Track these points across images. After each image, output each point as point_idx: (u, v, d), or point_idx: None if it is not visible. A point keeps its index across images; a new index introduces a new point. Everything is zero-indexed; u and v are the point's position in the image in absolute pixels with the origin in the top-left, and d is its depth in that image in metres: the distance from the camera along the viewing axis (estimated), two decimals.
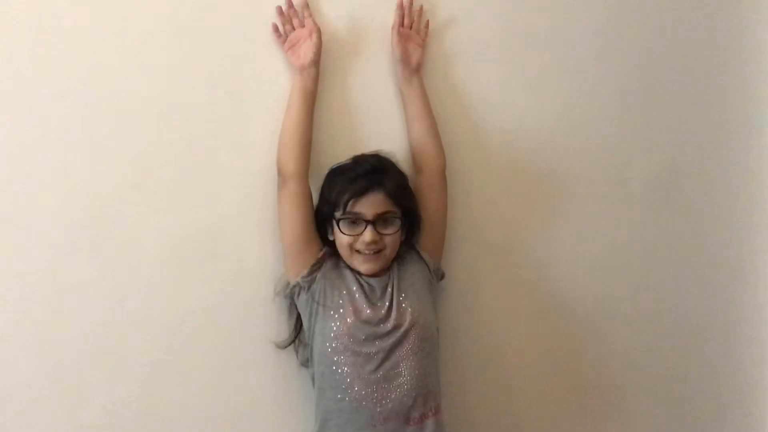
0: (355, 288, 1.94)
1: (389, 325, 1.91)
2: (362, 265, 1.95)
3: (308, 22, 1.99)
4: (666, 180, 2.31)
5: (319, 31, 1.97)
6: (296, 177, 1.94)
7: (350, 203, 1.91)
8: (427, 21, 2.09)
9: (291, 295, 2.00)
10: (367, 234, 1.91)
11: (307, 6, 2.00)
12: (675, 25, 2.26)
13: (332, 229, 1.98)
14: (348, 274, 1.97)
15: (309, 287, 1.95)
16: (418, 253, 2.05)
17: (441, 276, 2.10)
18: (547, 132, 2.22)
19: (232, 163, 2.04)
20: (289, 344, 2.08)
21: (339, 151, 2.04)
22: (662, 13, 2.25)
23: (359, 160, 1.97)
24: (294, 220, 1.95)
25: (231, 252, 2.06)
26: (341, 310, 1.92)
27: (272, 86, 2.03)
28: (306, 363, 2.04)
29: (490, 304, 2.23)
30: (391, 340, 1.90)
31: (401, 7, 2.05)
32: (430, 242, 2.07)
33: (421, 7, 2.08)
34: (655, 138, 2.29)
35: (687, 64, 2.29)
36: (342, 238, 1.94)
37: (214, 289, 2.06)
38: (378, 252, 1.94)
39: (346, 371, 1.89)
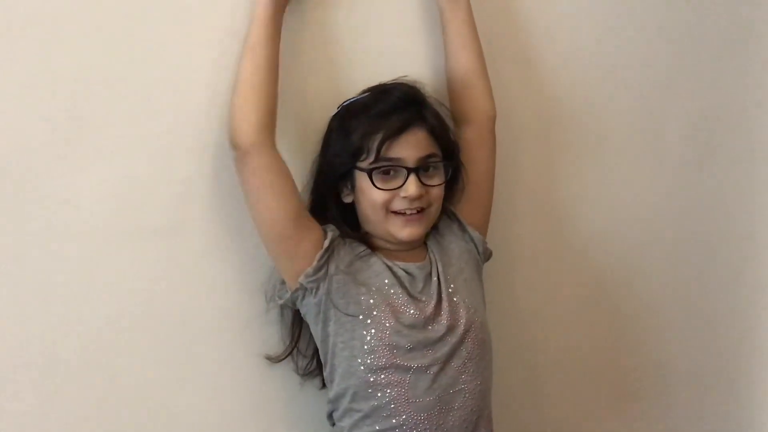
0: (387, 280, 1.42)
1: (441, 326, 1.41)
2: (402, 230, 1.41)
3: None
4: (702, 139, 1.95)
5: None
6: (261, 148, 1.36)
7: (385, 146, 1.38)
8: None
9: (291, 302, 1.44)
10: (412, 185, 1.39)
11: None
12: None
13: (352, 188, 1.44)
14: (374, 261, 1.44)
15: (317, 289, 1.40)
16: (462, 226, 1.54)
17: (488, 256, 1.59)
18: (587, 70, 1.78)
19: (194, 105, 1.44)
20: (286, 356, 1.52)
21: (330, 100, 1.49)
22: None
23: (385, 90, 1.45)
24: (273, 208, 1.38)
25: (198, 225, 1.46)
26: (374, 313, 1.38)
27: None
28: (308, 375, 1.54)
29: (534, 283, 1.80)
30: (446, 347, 1.41)
31: None
32: (476, 213, 1.57)
33: None
34: (694, 94, 1.92)
35: (730, 14, 1.93)
36: (374, 195, 1.40)
37: (175, 278, 1.45)
38: (421, 211, 1.42)
39: (390, 394, 1.38)
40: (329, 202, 1.46)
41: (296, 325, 1.51)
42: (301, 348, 1.52)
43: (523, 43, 1.70)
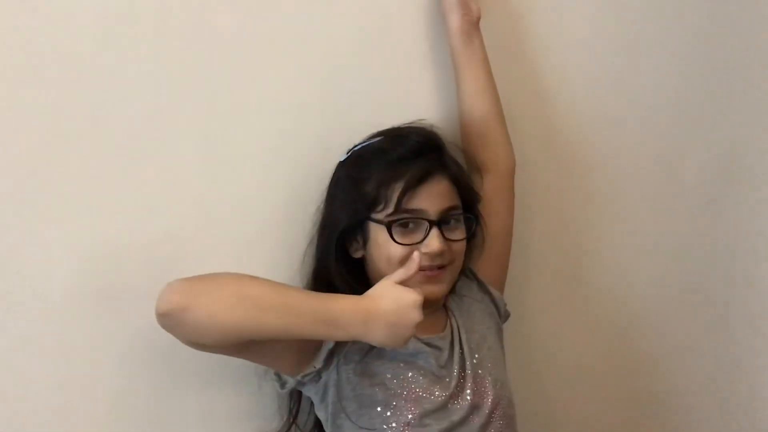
0: (406, 362, 1.25)
1: (465, 403, 1.25)
2: (422, 288, 1.22)
3: None
4: (720, 174, 1.84)
5: None
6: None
7: (406, 197, 1.24)
8: None
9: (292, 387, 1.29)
10: (435, 240, 1.25)
11: None
12: (735, 12, 1.82)
13: (363, 242, 1.29)
14: None
15: (319, 378, 1.25)
16: (482, 286, 1.41)
17: (506, 317, 1.45)
18: (601, 115, 1.67)
19: (177, 157, 1.30)
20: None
21: (335, 145, 1.35)
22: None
23: (400, 134, 1.31)
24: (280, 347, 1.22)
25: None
26: (393, 403, 1.22)
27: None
28: None
29: (551, 339, 1.67)
30: (473, 429, 1.24)
31: None
32: (495, 270, 1.44)
33: None
34: (710, 128, 1.81)
35: (748, 49, 1.83)
36: (392, 250, 1.25)
37: (162, 347, 1.26)
38: (442, 267, 1.27)
39: None
40: (335, 258, 1.30)
41: (294, 399, 1.35)
42: (300, 422, 1.36)
43: (535, 89, 1.59)
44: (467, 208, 1.33)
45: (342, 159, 1.33)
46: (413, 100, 1.46)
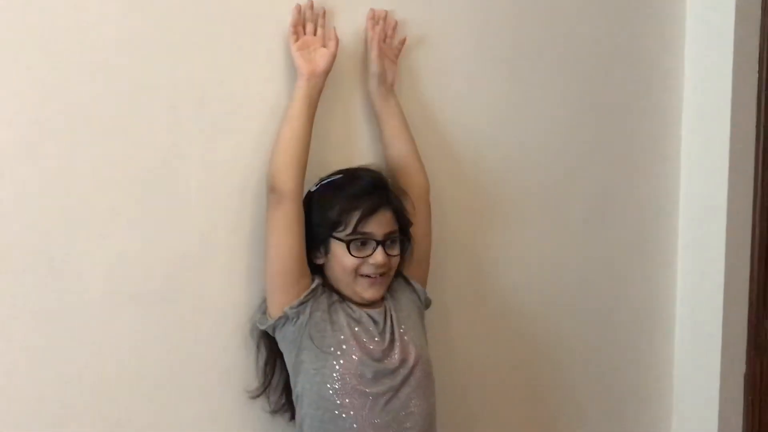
0: (354, 322, 1.75)
1: (395, 360, 1.74)
2: (368, 290, 1.75)
3: (328, 31, 1.81)
4: (599, 214, 2.40)
5: (337, 41, 1.79)
6: (294, 195, 1.70)
7: (361, 222, 1.71)
8: (404, 38, 1.94)
9: (272, 328, 1.74)
10: (379, 255, 1.73)
11: (324, 15, 1.81)
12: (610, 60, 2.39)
13: (326, 252, 1.76)
14: (345, 307, 1.76)
15: (297, 319, 1.71)
16: (406, 280, 1.89)
17: (428, 304, 1.94)
18: (505, 152, 2.19)
19: (198, 176, 1.74)
20: (262, 392, 1.82)
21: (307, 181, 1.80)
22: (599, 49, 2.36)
23: (358, 175, 1.79)
24: (288, 245, 1.70)
25: (195, 286, 1.75)
26: (343, 346, 1.70)
27: (252, 88, 1.79)
28: (279, 410, 1.83)
29: (464, 324, 2.15)
30: (399, 377, 1.72)
31: (379, 19, 1.90)
32: (418, 270, 1.92)
33: (396, 23, 1.93)
34: (592, 178, 2.37)
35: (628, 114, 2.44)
36: (347, 261, 1.73)
37: (172, 333, 1.73)
38: (383, 275, 1.76)
39: (352, 415, 1.68)
40: None
41: (270, 366, 1.80)
42: (273, 384, 1.81)
43: (444, 132, 2.06)
44: (403, 232, 1.80)
45: (312, 189, 1.78)
46: (356, 145, 1.92)
